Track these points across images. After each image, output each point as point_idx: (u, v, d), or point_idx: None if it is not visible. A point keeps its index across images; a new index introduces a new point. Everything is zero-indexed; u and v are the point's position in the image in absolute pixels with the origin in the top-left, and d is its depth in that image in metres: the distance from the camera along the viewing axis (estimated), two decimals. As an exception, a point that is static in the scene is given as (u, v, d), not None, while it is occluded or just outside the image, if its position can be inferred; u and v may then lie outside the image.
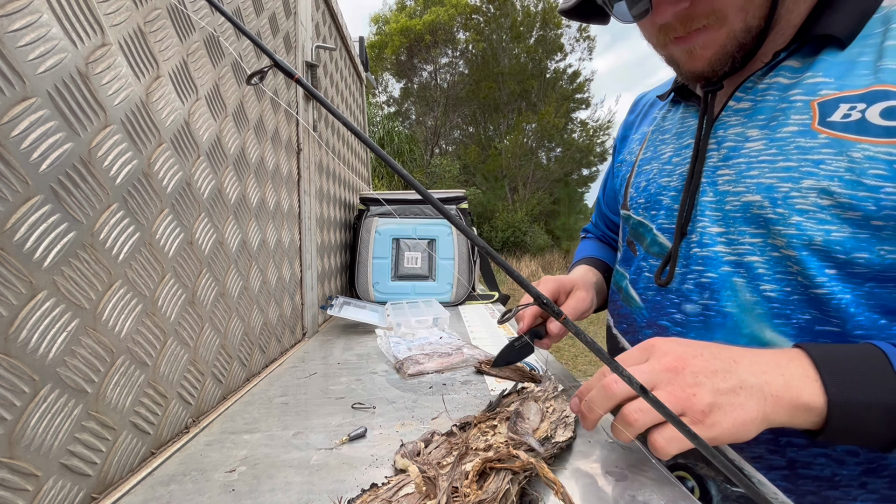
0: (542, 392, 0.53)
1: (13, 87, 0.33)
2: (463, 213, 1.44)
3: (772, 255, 0.46)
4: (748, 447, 0.47)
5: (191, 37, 0.56)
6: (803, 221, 0.43)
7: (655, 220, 0.57)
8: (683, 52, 0.48)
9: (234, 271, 0.67)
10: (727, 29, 0.44)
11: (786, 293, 0.45)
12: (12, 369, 0.32)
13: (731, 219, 0.48)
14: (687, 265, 0.52)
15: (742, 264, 0.47)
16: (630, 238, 0.63)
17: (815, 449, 0.45)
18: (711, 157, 0.51)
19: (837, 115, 0.42)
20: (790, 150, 0.44)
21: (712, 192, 0.50)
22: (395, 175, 3.15)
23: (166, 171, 0.51)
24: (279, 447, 0.49)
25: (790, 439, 0.46)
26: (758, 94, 0.48)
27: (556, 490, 0.34)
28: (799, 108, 0.45)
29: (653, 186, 0.59)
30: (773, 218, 0.45)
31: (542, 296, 0.36)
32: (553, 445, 0.44)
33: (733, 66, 0.47)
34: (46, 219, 0.35)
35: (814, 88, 0.44)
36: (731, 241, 0.48)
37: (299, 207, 0.98)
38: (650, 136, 0.64)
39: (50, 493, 0.35)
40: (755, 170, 0.46)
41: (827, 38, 0.44)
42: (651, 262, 0.57)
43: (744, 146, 0.48)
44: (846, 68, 0.43)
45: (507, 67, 16.06)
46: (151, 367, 0.48)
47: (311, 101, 1.03)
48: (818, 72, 0.44)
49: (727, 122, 0.50)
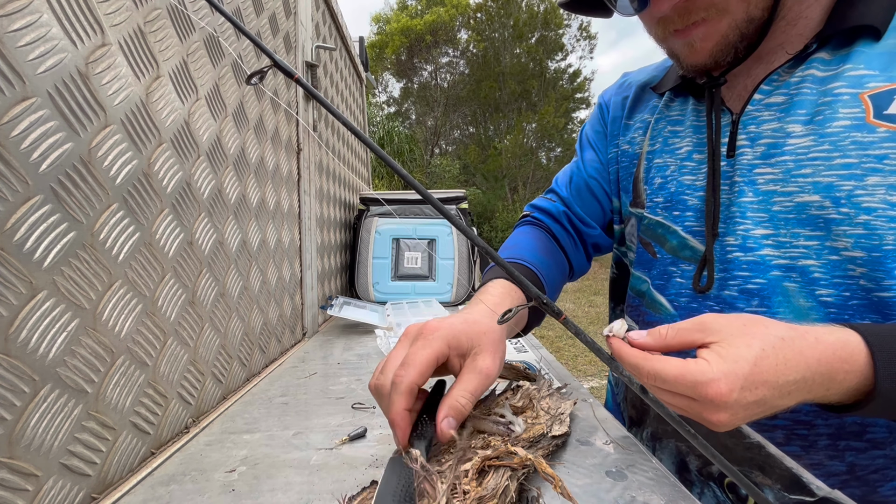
0: (537, 390, 0.53)
1: (13, 87, 0.33)
2: (463, 213, 1.44)
3: (830, 259, 0.43)
4: (807, 455, 0.46)
5: (191, 37, 0.56)
6: (872, 220, 0.41)
7: (681, 221, 0.54)
8: (684, 46, 0.47)
9: (234, 271, 0.67)
10: (728, 20, 0.43)
11: (844, 298, 0.43)
12: (12, 369, 0.32)
13: (782, 220, 0.46)
14: (727, 270, 0.49)
15: (795, 268, 0.45)
16: (645, 238, 0.59)
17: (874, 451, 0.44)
18: (745, 155, 0.48)
19: (894, 107, 0.41)
20: (847, 146, 0.42)
21: (752, 192, 0.48)
22: (395, 175, 3.15)
23: (166, 171, 0.51)
24: (279, 447, 0.49)
25: (849, 443, 0.44)
26: (791, 88, 0.46)
27: (555, 484, 0.34)
28: (846, 101, 0.43)
29: (672, 184, 0.55)
30: (837, 219, 0.42)
31: (542, 296, 0.36)
32: (549, 442, 0.44)
33: (736, 57, 0.46)
34: (46, 219, 0.35)
35: (859, 81, 0.43)
36: (780, 245, 0.46)
37: (299, 207, 0.99)
38: (654, 126, 0.60)
39: (50, 493, 0.35)
40: (808, 167, 0.44)
41: (859, 29, 0.43)
42: (682, 267, 0.54)
43: (786, 142, 0.46)
44: (889, 59, 0.42)
45: (508, 67, 16.06)
46: (151, 367, 0.48)
47: (311, 101, 1.04)
48: (859, 64, 0.43)
49: (758, 116, 0.48)
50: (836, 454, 0.45)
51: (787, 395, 0.34)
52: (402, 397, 0.38)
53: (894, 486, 0.45)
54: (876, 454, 0.44)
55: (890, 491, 0.45)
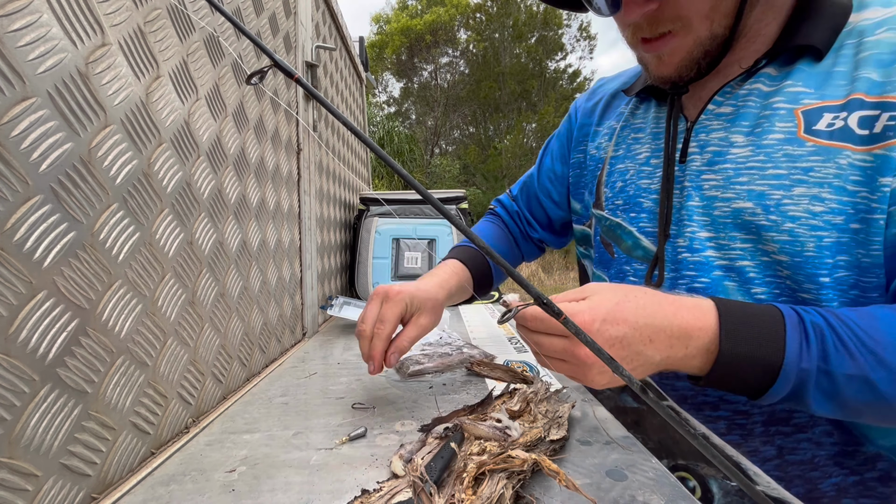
0: (535, 393, 0.53)
1: (13, 87, 0.33)
2: (463, 213, 1.44)
3: (762, 260, 0.47)
4: (745, 442, 0.51)
5: (191, 37, 0.56)
6: (796, 228, 0.44)
7: (636, 222, 0.57)
8: (653, 58, 0.50)
9: (234, 271, 0.67)
10: (693, 36, 0.46)
11: (775, 295, 0.47)
12: (12, 369, 0.32)
13: (721, 224, 0.49)
14: (677, 269, 0.53)
15: (733, 269, 0.49)
16: (606, 239, 0.63)
17: (799, 435, 0.49)
18: (694, 161, 0.52)
19: (822, 123, 0.44)
20: (779, 158, 0.46)
21: (698, 196, 0.51)
22: (395, 175, 3.15)
23: (166, 171, 0.51)
24: (279, 447, 0.49)
25: (778, 428, 0.50)
26: (739, 100, 0.50)
27: (560, 479, 0.34)
28: (783, 115, 0.46)
29: (631, 188, 0.59)
30: (766, 224, 0.46)
31: (543, 296, 0.36)
32: (547, 446, 0.44)
33: (699, 72, 0.49)
34: (46, 219, 0.35)
35: (795, 97, 0.46)
36: (721, 246, 0.49)
37: (299, 207, 0.99)
38: (619, 133, 0.63)
39: (50, 493, 0.35)
40: (744, 176, 0.48)
41: (803, 48, 0.46)
42: (635, 266, 0.58)
43: (729, 151, 0.49)
44: (823, 79, 0.45)
45: (508, 67, 16.06)
46: (151, 367, 0.48)
47: (311, 101, 1.03)
48: (798, 81, 0.46)
49: (709, 125, 0.51)
50: (768, 439, 0.50)
51: (649, 342, 0.39)
52: (382, 343, 0.55)
53: (833, 483, 0.49)
54: (801, 437, 0.49)
55: (828, 487, 0.50)
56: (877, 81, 0.42)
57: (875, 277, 0.42)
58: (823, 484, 0.50)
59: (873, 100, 0.42)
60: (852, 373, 0.36)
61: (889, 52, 0.42)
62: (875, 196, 0.41)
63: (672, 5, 0.44)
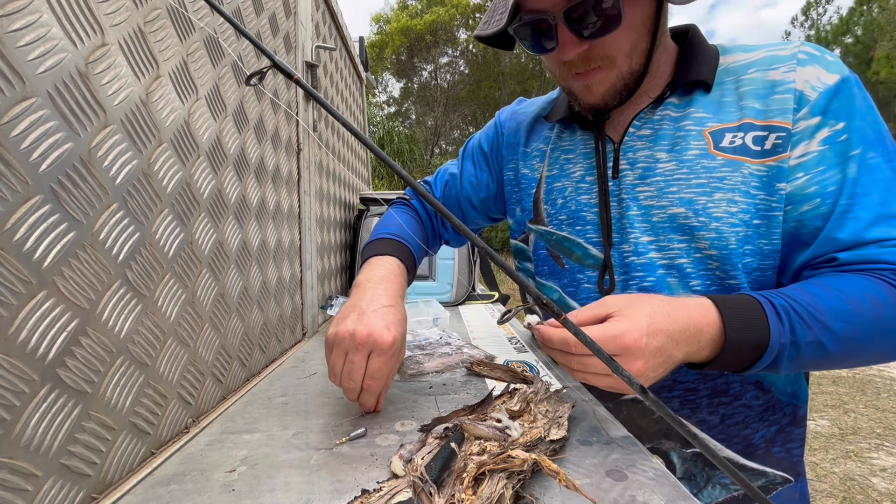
0: (535, 393, 0.53)
1: (13, 87, 0.33)
2: (463, 213, 1.44)
3: (695, 257, 0.56)
4: (694, 414, 0.60)
5: (191, 37, 0.56)
6: (720, 226, 0.54)
7: (583, 234, 0.65)
8: (582, 87, 0.58)
9: (234, 271, 0.67)
10: (617, 71, 0.56)
11: (707, 286, 0.56)
12: (12, 369, 0.32)
13: (660, 228, 0.58)
14: (626, 272, 0.60)
15: (673, 266, 0.57)
16: (554, 252, 0.69)
17: (736, 402, 0.60)
18: (627, 176, 0.60)
19: (726, 141, 0.55)
20: (698, 170, 0.56)
21: (636, 206, 0.59)
22: (395, 175, 3.14)
23: (166, 171, 0.51)
24: (279, 447, 0.49)
25: (720, 399, 0.60)
26: (654, 124, 0.59)
27: (560, 479, 0.34)
28: (694, 135, 0.56)
29: (572, 203, 0.66)
30: (697, 226, 0.55)
31: (542, 296, 0.37)
32: (546, 446, 0.44)
33: (620, 100, 0.59)
34: (46, 219, 0.35)
35: (701, 121, 0.57)
36: (661, 248, 0.58)
37: (299, 207, 0.99)
38: (551, 154, 0.70)
39: (50, 493, 0.35)
40: (674, 186, 0.57)
41: (696, 82, 0.57)
42: (588, 274, 0.65)
43: (657, 167, 0.58)
44: (718, 106, 0.57)
45: (508, 67, 16.05)
46: (151, 367, 0.48)
47: (310, 101, 1.03)
48: (699, 108, 0.57)
49: (633, 145, 0.60)
50: (713, 410, 0.60)
51: (676, 344, 0.44)
52: (374, 398, 0.54)
53: (762, 435, 0.61)
54: (737, 405, 0.60)
55: (759, 440, 0.61)
56: (760, 109, 0.54)
57: (772, 260, 0.54)
58: (755, 438, 0.61)
59: (761, 123, 0.53)
60: (810, 340, 0.45)
61: (763, 87, 0.54)
62: (774, 198, 0.52)
63: (601, 46, 0.54)
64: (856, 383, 3.24)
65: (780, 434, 0.62)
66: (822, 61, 0.53)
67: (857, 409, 2.80)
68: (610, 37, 0.52)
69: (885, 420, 2.63)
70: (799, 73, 0.53)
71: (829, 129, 0.51)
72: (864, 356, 0.48)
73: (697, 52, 0.59)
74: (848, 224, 0.49)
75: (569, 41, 0.53)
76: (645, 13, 0.54)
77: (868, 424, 2.59)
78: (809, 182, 0.51)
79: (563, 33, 0.53)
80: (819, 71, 0.52)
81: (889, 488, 1.97)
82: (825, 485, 2.04)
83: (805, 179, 0.51)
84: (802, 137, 0.52)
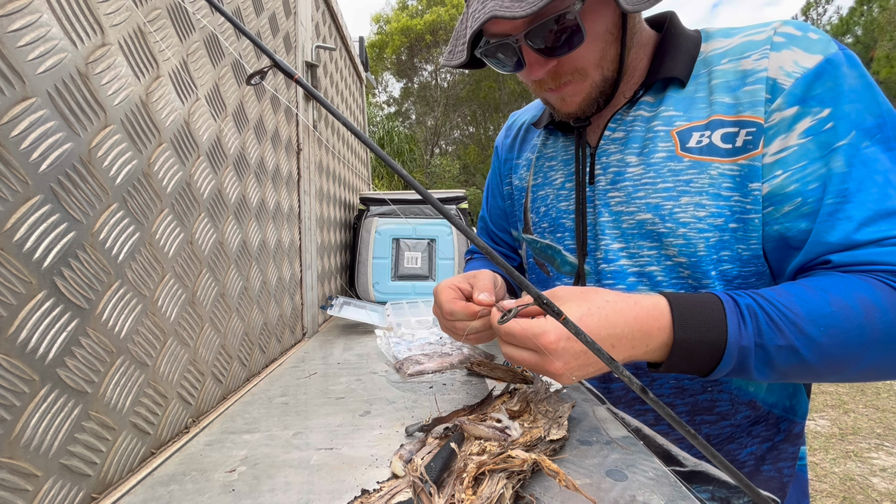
0: (535, 393, 0.53)
1: (13, 87, 0.33)
2: (463, 213, 1.44)
3: (666, 264, 0.54)
4: (672, 431, 0.57)
5: (191, 37, 0.56)
6: (688, 232, 0.51)
7: (562, 241, 0.64)
8: (558, 100, 0.57)
9: (234, 271, 0.67)
10: (590, 81, 0.54)
11: None
12: (12, 369, 0.32)
13: (630, 235, 0.56)
14: (599, 280, 0.59)
15: (644, 274, 0.56)
16: (539, 260, 0.69)
17: (723, 422, 0.56)
18: (600, 182, 0.59)
19: (692, 141, 0.52)
20: (665, 173, 0.53)
21: (607, 212, 0.58)
22: (395, 175, 3.15)
23: (166, 171, 0.51)
24: (279, 447, 0.49)
25: (703, 417, 0.57)
26: (627, 125, 0.57)
27: (559, 479, 0.34)
28: (662, 136, 0.54)
29: (553, 211, 0.65)
30: (665, 232, 0.53)
31: (542, 296, 0.36)
32: (546, 446, 0.44)
33: (598, 107, 0.57)
34: (46, 219, 0.35)
35: (670, 120, 0.54)
36: (632, 255, 0.56)
37: (299, 207, 0.98)
38: (536, 163, 0.70)
39: (50, 493, 0.35)
40: (641, 191, 0.55)
41: (670, 79, 0.54)
42: (565, 281, 0.64)
43: (626, 171, 0.56)
44: (689, 103, 0.53)
45: (508, 67, 16.02)
46: (151, 367, 0.47)
47: (310, 101, 1.03)
48: (670, 106, 0.54)
49: (607, 149, 0.59)
50: (694, 428, 0.55)
51: (611, 348, 0.41)
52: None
53: (749, 452, 0.57)
54: (724, 424, 0.56)
55: (746, 456, 0.57)
56: (730, 104, 0.50)
57: (754, 266, 0.51)
58: (741, 454, 0.57)
59: (731, 119, 0.50)
60: (781, 344, 0.41)
61: (734, 79, 0.50)
62: (748, 199, 0.49)
63: (569, 61, 0.52)
64: (856, 383, 3.24)
65: (772, 452, 0.57)
66: (803, 42, 0.47)
67: (857, 409, 2.80)
68: (577, 51, 0.50)
69: (885, 420, 2.63)
70: (772, 60, 0.48)
71: (811, 119, 0.46)
72: (854, 368, 0.42)
73: (674, 45, 0.55)
74: (838, 225, 0.44)
75: (534, 61, 0.52)
76: (609, 21, 0.51)
77: (868, 424, 2.59)
78: (788, 180, 0.46)
79: (528, 54, 0.52)
80: (797, 54, 0.47)
81: (889, 488, 1.97)
82: (825, 485, 2.04)
83: (784, 177, 0.47)
84: (779, 131, 0.47)
